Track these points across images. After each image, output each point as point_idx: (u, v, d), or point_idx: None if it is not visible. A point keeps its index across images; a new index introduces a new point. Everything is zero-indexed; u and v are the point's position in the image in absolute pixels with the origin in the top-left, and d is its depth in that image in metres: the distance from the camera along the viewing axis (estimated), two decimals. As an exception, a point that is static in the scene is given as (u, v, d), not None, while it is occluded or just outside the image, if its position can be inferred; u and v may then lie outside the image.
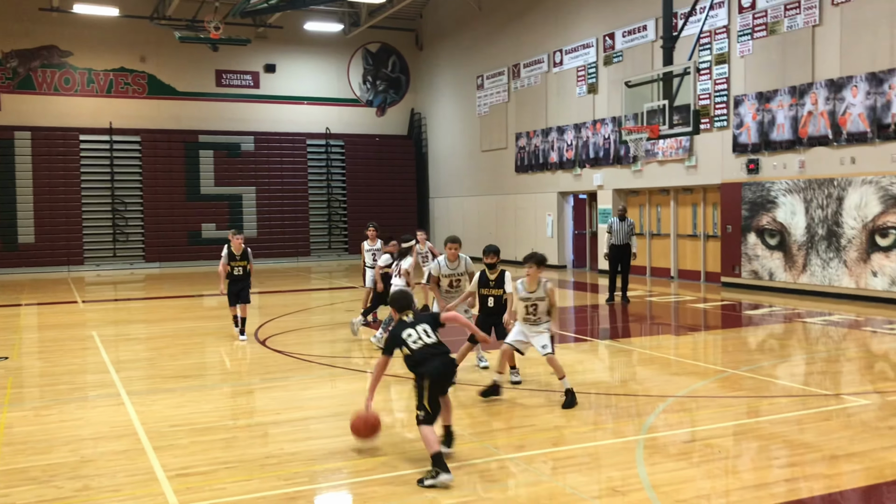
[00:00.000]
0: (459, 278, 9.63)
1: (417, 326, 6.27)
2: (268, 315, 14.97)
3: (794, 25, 16.54)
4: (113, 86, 28.72)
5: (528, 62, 25.49)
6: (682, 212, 20.48)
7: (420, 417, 5.96)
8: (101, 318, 15.85)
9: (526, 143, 25.73)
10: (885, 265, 14.87)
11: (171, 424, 7.42)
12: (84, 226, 28.05)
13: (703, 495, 5.42)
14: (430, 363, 6.07)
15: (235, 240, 12.07)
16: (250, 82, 30.77)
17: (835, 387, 8.64)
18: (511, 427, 7.25)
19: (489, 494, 5.48)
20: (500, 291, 8.78)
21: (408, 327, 6.27)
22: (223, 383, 9.51)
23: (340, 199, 31.76)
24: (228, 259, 12.03)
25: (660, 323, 14.14)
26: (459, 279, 9.63)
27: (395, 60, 33.19)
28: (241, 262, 12.07)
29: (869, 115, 15.08)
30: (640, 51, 20.71)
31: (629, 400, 8.19)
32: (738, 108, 17.95)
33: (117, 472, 6.08)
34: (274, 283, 21.52)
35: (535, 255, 8.27)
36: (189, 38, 26.26)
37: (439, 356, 6.14)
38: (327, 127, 31.67)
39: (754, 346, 11.46)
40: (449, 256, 9.60)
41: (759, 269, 17.54)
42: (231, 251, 12.03)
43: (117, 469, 6.16)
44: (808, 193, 16.29)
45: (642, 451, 6.38)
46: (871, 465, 5.98)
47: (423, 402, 5.98)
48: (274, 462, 6.26)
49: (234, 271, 12.01)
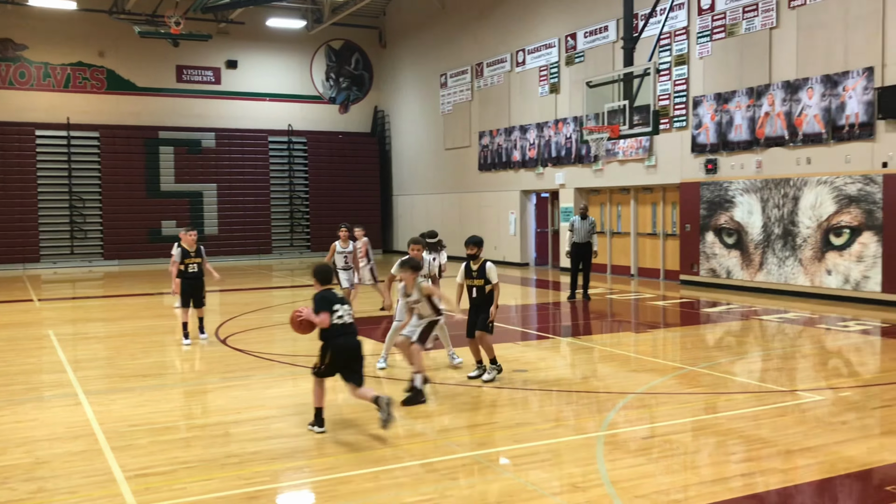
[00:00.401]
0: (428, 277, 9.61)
1: (345, 305, 7.05)
2: (229, 314, 14.84)
3: (752, 28, 16.82)
4: (70, 80, 28.23)
5: (492, 61, 25.57)
6: (642, 211, 20.72)
7: (315, 370, 7.05)
8: (57, 316, 15.58)
9: (489, 141, 25.82)
10: (838, 264, 15.19)
11: (129, 424, 7.33)
12: (40, 223, 27.52)
13: (661, 490, 5.50)
14: (340, 340, 6.94)
15: (188, 236, 11.86)
16: (211, 78, 30.45)
17: (790, 383, 8.81)
18: (473, 424, 7.29)
19: (451, 492, 5.50)
20: (481, 282, 8.83)
21: (338, 303, 6.99)
22: (183, 382, 9.42)
23: (303, 197, 31.57)
24: (182, 257, 11.67)
25: (620, 320, 14.30)
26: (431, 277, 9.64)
27: (358, 58, 33.07)
28: (195, 258, 11.76)
29: (824, 117, 15.39)
30: (602, 51, 20.89)
31: (590, 397, 8.27)
32: (697, 108, 18.20)
33: (74, 474, 5.99)
34: (235, 281, 21.31)
35: (409, 262, 8.54)
36: (149, 33, 25.91)
37: (350, 335, 6.98)
38: (289, 124, 31.46)
39: (712, 344, 11.65)
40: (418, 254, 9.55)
41: (716, 267, 17.81)
42: (184, 248, 11.75)
43: (74, 470, 6.07)
44: (764, 193, 16.58)
45: (602, 447, 6.46)
46: (825, 459, 6.12)
47: (323, 363, 7.00)
48: (235, 461, 6.22)
49: (189, 269, 11.69)
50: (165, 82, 29.66)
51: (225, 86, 30.62)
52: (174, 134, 29.30)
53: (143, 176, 28.78)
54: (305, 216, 31.50)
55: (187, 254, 11.70)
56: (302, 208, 31.54)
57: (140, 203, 28.61)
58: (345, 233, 13.77)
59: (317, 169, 31.51)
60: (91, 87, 28.53)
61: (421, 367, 8.16)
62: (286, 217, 31.28)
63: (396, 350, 8.72)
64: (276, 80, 31.49)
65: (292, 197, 31.39)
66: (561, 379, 9.17)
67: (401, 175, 32.21)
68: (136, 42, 27.79)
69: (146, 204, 28.70)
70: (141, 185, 28.74)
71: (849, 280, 15.03)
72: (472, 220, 26.53)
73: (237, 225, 30.06)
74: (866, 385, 8.68)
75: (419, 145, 30.56)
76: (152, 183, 28.92)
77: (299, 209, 31.50)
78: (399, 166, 32.35)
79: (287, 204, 31.32)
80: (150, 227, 28.64)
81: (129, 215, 28.35)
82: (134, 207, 28.50)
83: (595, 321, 14.19)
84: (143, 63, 29.12)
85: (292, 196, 31.39)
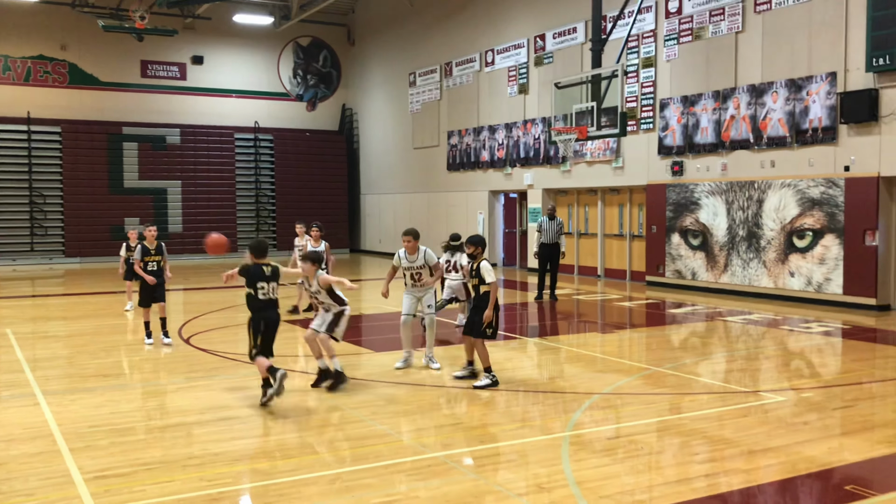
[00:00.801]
0: (420, 271, 9.47)
1: (271, 281, 7.81)
2: (192, 312, 14.67)
3: (719, 31, 16.99)
4: (31, 74, 27.70)
5: (461, 61, 25.57)
6: (609, 212, 20.84)
7: (253, 354, 7.78)
8: (16, 314, 15.27)
9: (458, 141, 25.82)
10: (801, 266, 15.41)
11: (89, 425, 7.19)
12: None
13: (626, 491, 5.51)
14: (267, 312, 7.79)
15: (149, 232, 11.66)
16: (177, 74, 30.08)
17: (753, 384, 8.90)
18: (439, 425, 7.26)
19: (416, 493, 5.47)
20: (476, 281, 8.67)
21: (264, 279, 7.74)
22: (145, 382, 9.27)
23: (269, 195, 31.30)
24: (143, 254, 11.39)
25: (587, 321, 14.36)
26: (420, 272, 9.47)
27: (326, 55, 32.89)
28: (155, 256, 11.51)
29: (788, 121, 15.59)
30: (570, 53, 20.98)
31: (556, 397, 8.28)
32: (664, 111, 18.35)
33: (30, 475, 5.85)
34: (199, 279, 21.06)
35: (310, 254, 8.85)
36: (113, 27, 25.50)
37: (274, 311, 7.88)
38: (256, 121, 31.18)
39: (677, 344, 11.73)
40: (406, 249, 9.47)
41: (682, 268, 17.97)
42: (145, 246, 11.51)
43: (30, 472, 5.93)
44: (729, 195, 16.76)
45: (568, 447, 6.46)
46: (786, 459, 6.18)
47: (256, 342, 7.74)
48: (196, 463, 6.13)
49: (149, 266, 11.46)
50: (130, 77, 29.24)
51: (191, 82, 30.27)
52: (138, 130, 28.89)
53: (105, 172, 28.33)
54: (272, 214, 31.24)
55: (148, 251, 11.46)
56: (268, 206, 31.28)
57: (103, 200, 28.17)
58: (316, 232, 13.64)
59: (284, 167, 31.27)
60: (53, 81, 28.03)
61: (332, 352, 8.49)
62: (252, 215, 31.00)
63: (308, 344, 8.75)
64: (243, 77, 31.21)
65: (258, 195, 31.11)
66: (527, 379, 9.17)
67: (369, 174, 32.09)
68: (100, 36, 27.35)
69: (109, 201, 28.26)
70: (104, 181, 28.30)
71: (811, 282, 15.24)
72: (440, 220, 26.51)
73: (202, 223, 29.66)
74: (827, 386, 8.80)
75: (387, 144, 30.46)
76: (115, 179, 28.49)
77: (266, 207, 31.23)
78: (367, 165, 32.22)
79: (253, 202, 31.04)
80: (112, 224, 28.18)
81: (91, 212, 27.88)
82: (96, 204, 28.04)
83: (562, 322, 14.24)
84: (106, 57, 28.67)
85: (258, 194, 31.11)
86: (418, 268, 9.47)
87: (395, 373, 9.43)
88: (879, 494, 5.46)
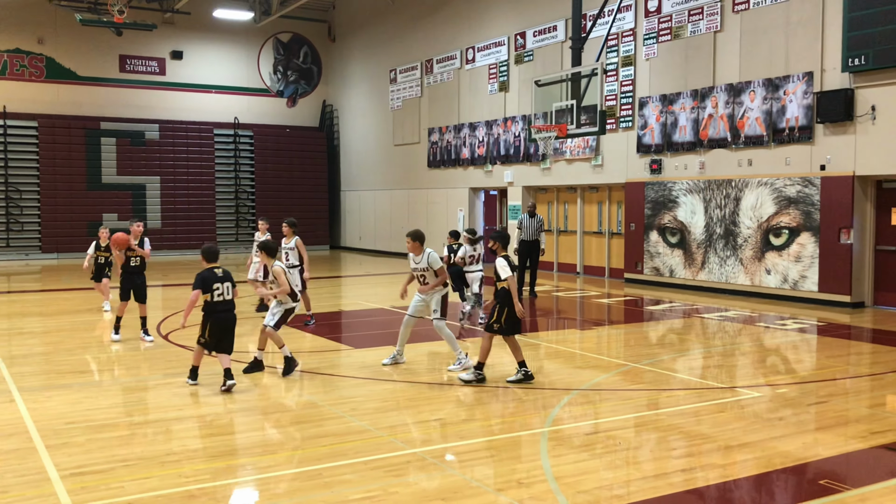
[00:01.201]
0: (423, 273, 9.34)
1: (224, 283, 8.34)
2: (171, 308, 14.58)
3: (697, 31, 17.11)
4: (7, 67, 27.37)
5: (441, 58, 25.57)
6: (589, 209, 20.94)
7: (200, 342, 8.39)
8: (-9, 311, 15.11)
9: (438, 138, 25.82)
10: (777, 263, 15.56)
11: (66, 422, 7.14)
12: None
13: (604, 486, 5.56)
14: (223, 314, 8.33)
15: (136, 228, 11.57)
16: (156, 69, 29.85)
17: (729, 380, 8.99)
18: (418, 421, 7.27)
19: (394, 489, 5.48)
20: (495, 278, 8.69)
21: (217, 281, 8.28)
22: (123, 379, 9.21)
23: (249, 191, 31.15)
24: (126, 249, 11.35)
25: (566, 317, 14.43)
26: (424, 274, 9.34)
27: (306, 51, 32.76)
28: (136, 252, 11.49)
29: (765, 120, 15.74)
30: (551, 51, 21.04)
31: (535, 393, 8.32)
32: (643, 109, 18.46)
33: (6, 473, 5.81)
34: (178, 275, 20.94)
35: (267, 244, 9.44)
36: (91, 22, 25.27)
37: (229, 313, 8.38)
38: (236, 117, 31.01)
39: (655, 341, 11.82)
40: (409, 250, 9.38)
41: (660, 265, 18.09)
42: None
43: (5, 469, 5.89)
44: (707, 194, 16.89)
45: (546, 443, 6.50)
46: (762, 454, 6.26)
47: (205, 335, 8.32)
48: (175, 459, 6.11)
49: (131, 262, 11.36)
50: (108, 72, 28.97)
51: (170, 77, 30.05)
52: (117, 125, 28.64)
53: (83, 167, 28.06)
54: (251, 210, 31.08)
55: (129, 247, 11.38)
56: (248, 202, 31.12)
57: (80, 195, 27.90)
58: (288, 229, 13.28)
59: (263, 163, 31.12)
60: (29, 74, 27.72)
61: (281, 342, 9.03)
62: (231, 211, 30.83)
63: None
64: (223, 72, 31.02)
65: (238, 191, 30.95)
66: (506, 375, 9.20)
67: (349, 170, 32.02)
68: (78, 30, 27.09)
69: (87, 196, 28.00)
70: (81, 176, 28.03)
71: (787, 279, 15.40)
72: (420, 217, 26.50)
73: (181, 219, 29.53)
74: (802, 382, 8.91)
75: (368, 141, 30.40)
76: (93, 175, 28.23)
77: (245, 203, 31.08)
78: (347, 162, 32.15)
79: (233, 198, 30.87)
80: (90, 219, 27.90)
81: (68, 207, 27.62)
82: (74, 199, 27.77)
83: (541, 318, 14.29)
84: (84, 52, 28.40)
85: (238, 190, 30.95)
86: (422, 270, 9.33)
87: (373, 369, 9.43)
88: (853, 489, 5.54)
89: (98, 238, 14.51)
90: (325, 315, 13.44)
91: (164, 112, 29.73)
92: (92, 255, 14.38)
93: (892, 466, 6.09)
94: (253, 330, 12.03)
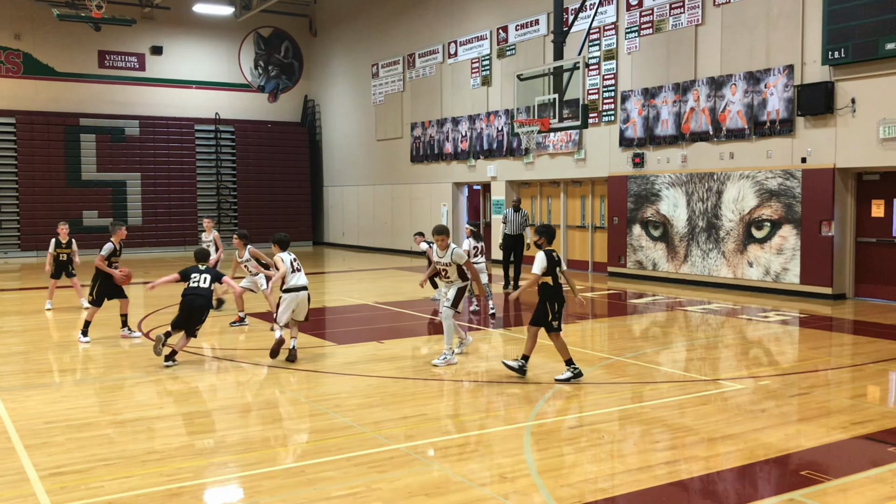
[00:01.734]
0: (446, 268, 9.60)
1: (202, 275, 9.63)
2: (152, 306, 14.47)
3: (679, 24, 17.14)
4: (-16, 64, 27.08)
5: (424, 52, 25.50)
6: (572, 203, 20.97)
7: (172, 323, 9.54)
8: (-30, 309, 14.92)
9: (421, 133, 25.76)
10: (759, 256, 15.64)
11: (45, 421, 7.06)
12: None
13: (588, 479, 5.56)
14: (189, 298, 9.47)
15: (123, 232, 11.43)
16: (135, 64, 29.59)
17: (713, 372, 9.02)
18: (402, 417, 7.24)
19: (378, 485, 5.46)
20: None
21: (196, 272, 9.64)
22: (104, 377, 9.11)
23: (230, 187, 30.97)
24: (112, 253, 11.15)
25: (550, 312, 14.40)
26: (446, 269, 9.60)
27: (287, 46, 32.58)
28: (119, 257, 11.34)
29: (746, 113, 15.80)
30: (533, 45, 21.03)
31: (519, 387, 8.32)
32: (625, 103, 18.48)
33: (-16, 473, 5.74)
34: (159, 272, 20.76)
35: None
36: (69, 17, 24.99)
37: (198, 297, 9.50)
38: (217, 112, 30.81)
39: (638, 334, 11.85)
40: (437, 245, 9.64)
41: (643, 259, 18.15)
42: (114, 244, 11.21)
43: (-16, 469, 5.82)
44: (689, 187, 16.95)
45: (530, 437, 6.49)
46: (745, 446, 6.28)
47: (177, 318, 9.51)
48: (156, 458, 6.05)
49: (113, 266, 11.17)
50: (87, 68, 28.70)
51: (150, 72, 29.80)
52: (96, 121, 28.37)
53: (63, 164, 27.79)
54: (233, 207, 30.92)
55: (115, 251, 11.24)
56: (230, 199, 30.95)
57: (60, 192, 27.65)
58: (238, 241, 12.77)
59: (245, 159, 30.95)
60: (6, 71, 27.40)
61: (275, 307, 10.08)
62: (213, 208, 30.64)
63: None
64: (203, 68, 30.80)
65: (219, 187, 30.77)
66: (491, 370, 9.20)
67: (332, 166, 31.90)
68: (55, 25, 26.81)
69: (67, 193, 27.75)
70: (61, 173, 27.76)
71: (769, 272, 15.48)
72: (403, 212, 26.46)
73: (162, 215, 29.32)
74: (785, 374, 8.95)
75: (350, 136, 30.30)
76: (73, 172, 27.96)
77: (227, 200, 30.90)
78: (330, 157, 32.02)
79: (214, 194, 30.69)
80: (70, 217, 27.56)
81: (47, 205, 27.34)
82: (53, 197, 27.51)
83: (525, 313, 14.27)
84: (62, 47, 28.11)
85: (219, 186, 30.77)
86: (445, 264, 9.65)
87: (357, 366, 9.40)
88: (834, 479, 5.57)
89: (57, 235, 14.27)
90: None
91: (144, 108, 29.49)
92: (52, 253, 14.14)
93: (872, 456, 6.13)
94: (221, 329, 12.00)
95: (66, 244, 14.17)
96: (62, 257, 14.18)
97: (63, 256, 14.16)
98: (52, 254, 14.15)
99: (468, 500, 5.19)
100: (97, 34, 27.61)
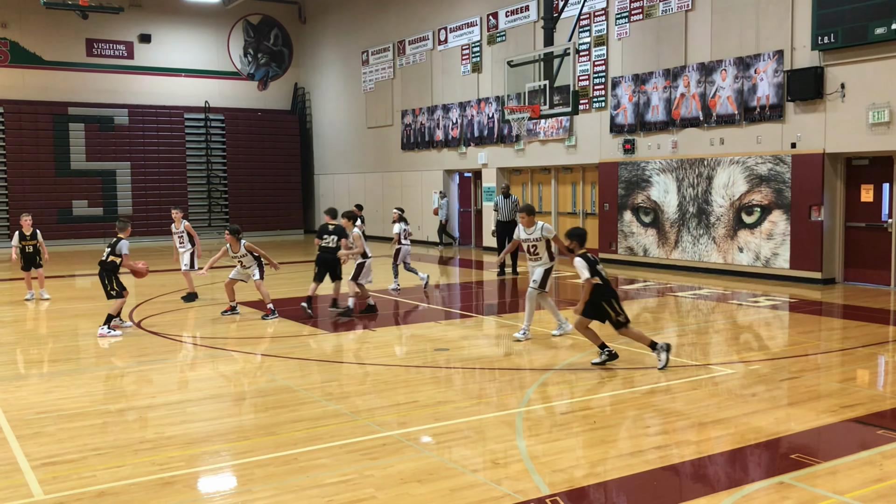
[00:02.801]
0: (535, 244, 10.02)
1: (331, 236, 11.67)
2: (144, 296, 14.44)
3: (669, 10, 17.11)
4: (-30, 52, 26.85)
5: (414, 39, 25.39)
6: (563, 190, 20.97)
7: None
8: (-41, 300, 14.86)
9: (412, 120, 25.69)
10: (749, 241, 15.70)
11: (37, 411, 7.05)
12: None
13: (579, 464, 5.58)
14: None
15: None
16: (124, 52, 29.39)
17: (703, 357, 9.07)
18: (394, 404, 7.26)
19: (370, 472, 5.47)
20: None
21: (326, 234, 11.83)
22: (95, 367, 9.10)
23: (221, 175, 30.85)
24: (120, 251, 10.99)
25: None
26: (535, 244, 10.02)
27: (277, 33, 32.41)
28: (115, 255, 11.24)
29: (736, 98, 15.81)
30: (523, 31, 20.97)
31: (512, 373, 8.34)
32: (616, 89, 18.47)
33: (-24, 464, 5.73)
34: (150, 261, 20.68)
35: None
36: (55, 5, 24.76)
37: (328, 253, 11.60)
38: (206, 100, 30.65)
39: (629, 320, 11.85)
40: (522, 223, 10.08)
41: (634, 245, 18.18)
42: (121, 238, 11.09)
43: (-24, 460, 5.81)
44: (680, 173, 16.97)
45: (522, 423, 6.52)
46: (735, 430, 6.32)
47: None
48: (149, 447, 6.05)
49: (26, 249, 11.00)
50: (74, 56, 28.50)
51: (138, 61, 29.61)
52: (85, 110, 28.20)
53: (51, 154, 27.64)
54: (224, 195, 30.82)
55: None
56: (220, 187, 30.84)
57: (49, 182, 27.51)
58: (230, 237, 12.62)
59: (235, 147, 30.82)
60: (-7, 59, 27.21)
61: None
62: (204, 196, 30.54)
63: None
64: (192, 56, 30.61)
65: (210, 176, 30.65)
66: (483, 357, 9.22)
67: (322, 154, 31.81)
68: (42, 13, 26.57)
69: (56, 183, 27.61)
70: (49, 163, 27.61)
71: (759, 257, 15.54)
72: (394, 200, 26.41)
73: (152, 205, 29.19)
74: (775, 358, 9.00)
75: (341, 123, 30.20)
76: (62, 161, 27.81)
77: (217, 188, 30.79)
78: (320, 145, 31.92)
79: (204, 183, 30.57)
80: (60, 206, 27.60)
81: (36, 195, 27.21)
82: (42, 187, 27.37)
83: (518, 300, 14.31)
84: (49, 35, 27.89)
85: (210, 175, 30.65)
86: (534, 240, 9.97)
87: (349, 353, 9.41)
88: (824, 462, 5.62)
89: (21, 227, 14.11)
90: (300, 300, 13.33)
91: (133, 96, 29.32)
92: (17, 245, 14.00)
93: (861, 439, 6.17)
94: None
95: (31, 236, 14.01)
96: (28, 249, 14.01)
97: (29, 248, 13.99)
98: (17, 246, 13.96)
99: (460, 485, 5.21)
100: (85, 22, 27.40)
